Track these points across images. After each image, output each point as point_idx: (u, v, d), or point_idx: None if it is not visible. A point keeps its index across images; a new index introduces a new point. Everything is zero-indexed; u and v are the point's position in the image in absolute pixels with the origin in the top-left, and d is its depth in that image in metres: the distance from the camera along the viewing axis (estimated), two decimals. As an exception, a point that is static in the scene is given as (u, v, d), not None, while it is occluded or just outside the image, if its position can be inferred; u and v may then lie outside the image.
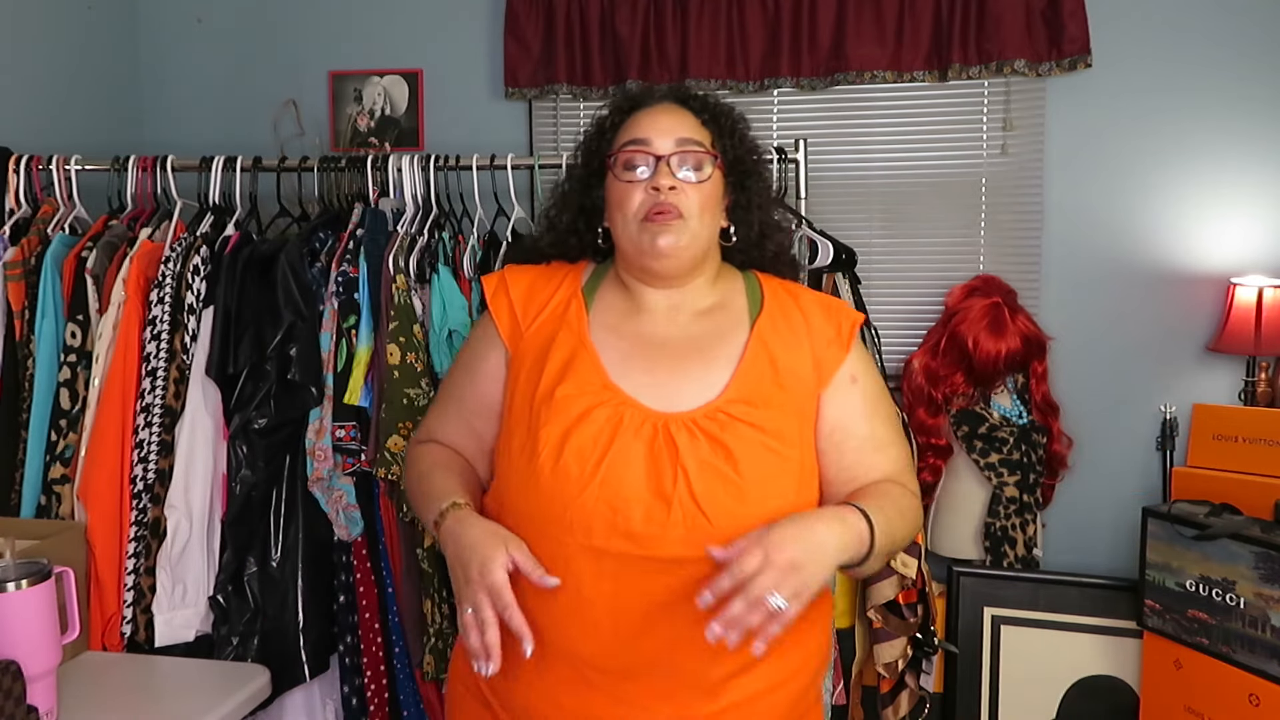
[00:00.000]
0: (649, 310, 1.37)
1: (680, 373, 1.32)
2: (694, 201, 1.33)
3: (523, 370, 1.35)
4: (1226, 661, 2.08)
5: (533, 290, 1.41)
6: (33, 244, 2.05)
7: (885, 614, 2.10)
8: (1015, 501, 2.52)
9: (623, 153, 1.35)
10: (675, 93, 1.42)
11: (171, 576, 1.90)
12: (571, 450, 1.24)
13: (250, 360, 1.90)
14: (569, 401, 1.28)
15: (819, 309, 1.40)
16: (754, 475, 1.24)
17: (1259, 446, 2.18)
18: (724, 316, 1.38)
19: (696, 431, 1.25)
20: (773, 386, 1.31)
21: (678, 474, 1.23)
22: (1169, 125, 2.57)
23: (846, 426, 1.35)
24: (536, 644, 1.19)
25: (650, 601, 1.23)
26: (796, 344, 1.35)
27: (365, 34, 2.91)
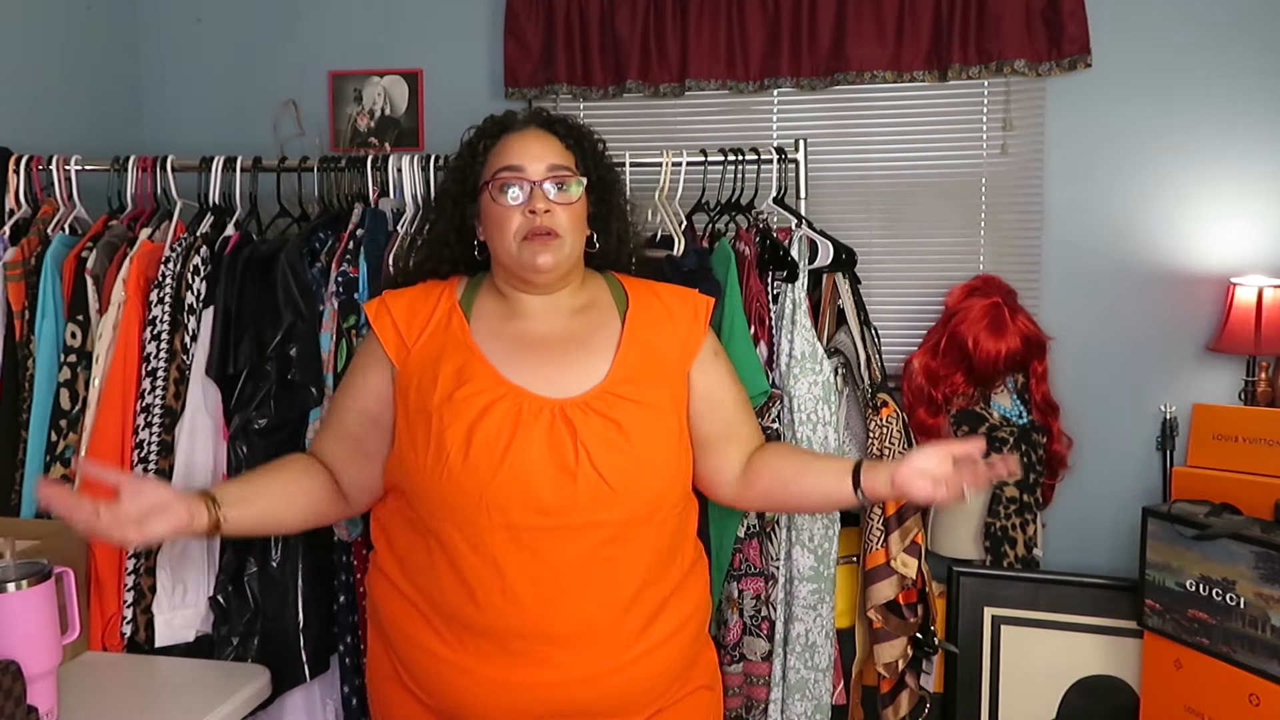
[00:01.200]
0: (527, 313, 1.52)
1: (566, 363, 1.47)
2: (566, 220, 1.47)
3: (413, 383, 1.46)
4: (1226, 661, 2.08)
5: (413, 309, 1.53)
6: (33, 244, 2.05)
7: (885, 614, 2.10)
8: (1015, 501, 2.52)
9: (498, 178, 1.48)
10: (539, 119, 1.55)
11: (171, 576, 1.90)
12: (479, 443, 1.37)
13: (250, 360, 1.90)
14: (468, 401, 1.40)
15: (675, 297, 1.59)
16: (643, 443, 1.42)
17: (1259, 446, 2.18)
18: (595, 312, 1.54)
19: (589, 411, 1.41)
20: (648, 366, 1.49)
21: (579, 450, 1.38)
22: (1169, 125, 2.57)
23: (717, 392, 1.57)
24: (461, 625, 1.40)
25: (564, 567, 1.39)
26: (663, 328, 1.54)
27: (365, 34, 2.91)
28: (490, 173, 1.50)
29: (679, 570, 1.51)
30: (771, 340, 2.03)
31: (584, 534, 1.39)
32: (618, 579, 1.42)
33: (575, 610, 1.40)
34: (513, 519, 1.37)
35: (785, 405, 2.00)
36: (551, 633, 1.39)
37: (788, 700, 2.03)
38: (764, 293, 2.03)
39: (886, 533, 2.07)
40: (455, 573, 1.40)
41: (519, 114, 1.57)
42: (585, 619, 1.40)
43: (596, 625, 1.41)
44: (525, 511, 1.37)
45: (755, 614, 2.03)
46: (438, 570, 1.42)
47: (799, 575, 2.01)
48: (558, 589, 1.39)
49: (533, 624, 1.39)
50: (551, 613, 1.39)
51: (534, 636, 1.39)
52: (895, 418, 2.09)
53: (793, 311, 2.00)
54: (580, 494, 1.38)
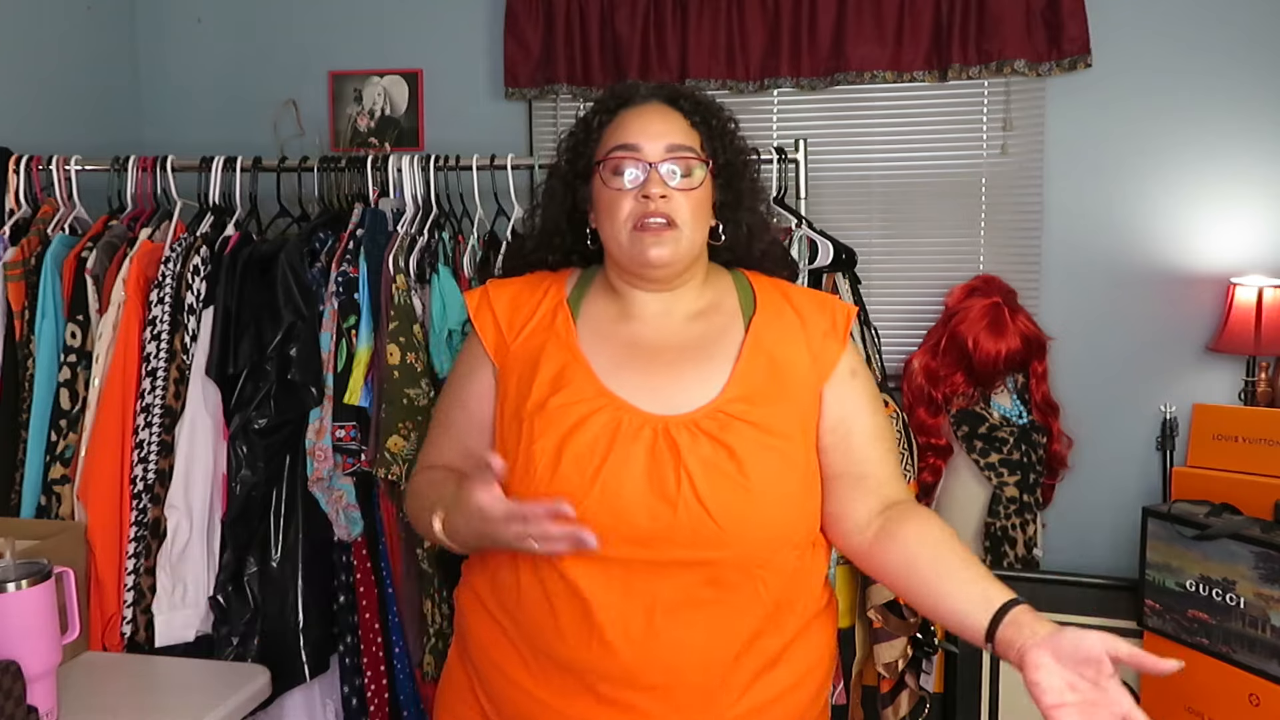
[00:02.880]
0: (639, 315, 1.35)
1: (676, 375, 1.30)
2: (686, 209, 1.30)
3: (511, 384, 1.33)
4: (1226, 661, 2.08)
5: (516, 302, 1.39)
6: (33, 244, 2.05)
7: (885, 614, 2.10)
8: (1015, 501, 2.52)
9: (610, 158, 1.31)
10: (664, 92, 1.38)
11: (171, 576, 1.90)
12: (569, 459, 1.22)
13: (250, 360, 1.90)
14: (563, 411, 1.25)
15: (811, 304, 1.40)
16: (758, 474, 1.23)
17: (1259, 446, 2.18)
18: (717, 317, 1.36)
19: (697, 432, 1.24)
20: (772, 384, 1.30)
21: (681, 475, 1.21)
22: (1169, 125, 2.57)
23: (851, 419, 1.33)
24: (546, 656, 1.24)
25: (657, 607, 1.22)
26: (792, 341, 1.34)
27: (365, 34, 2.91)
28: (603, 151, 1.33)
29: (799, 619, 1.30)
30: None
31: (683, 571, 1.22)
32: (722, 626, 1.24)
33: (669, 657, 1.22)
34: (602, 548, 1.17)
35: (785, 405, 2.00)
36: (641, 680, 1.23)
37: (788, 700, 2.02)
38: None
39: (886, 533, 2.07)
40: (543, 601, 1.25)
41: (640, 87, 1.39)
42: (681, 668, 1.23)
43: (694, 676, 1.23)
44: (616, 542, 1.20)
45: (755, 614, 2.02)
46: (525, 597, 1.27)
47: (799, 575, 2.00)
48: (649, 631, 1.21)
49: (621, 668, 1.22)
50: (642, 657, 1.22)
51: (622, 681, 1.23)
52: (895, 418, 2.09)
53: (793, 311, 1.99)
54: (680, 527, 1.20)
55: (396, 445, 1.83)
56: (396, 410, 1.85)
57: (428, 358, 1.93)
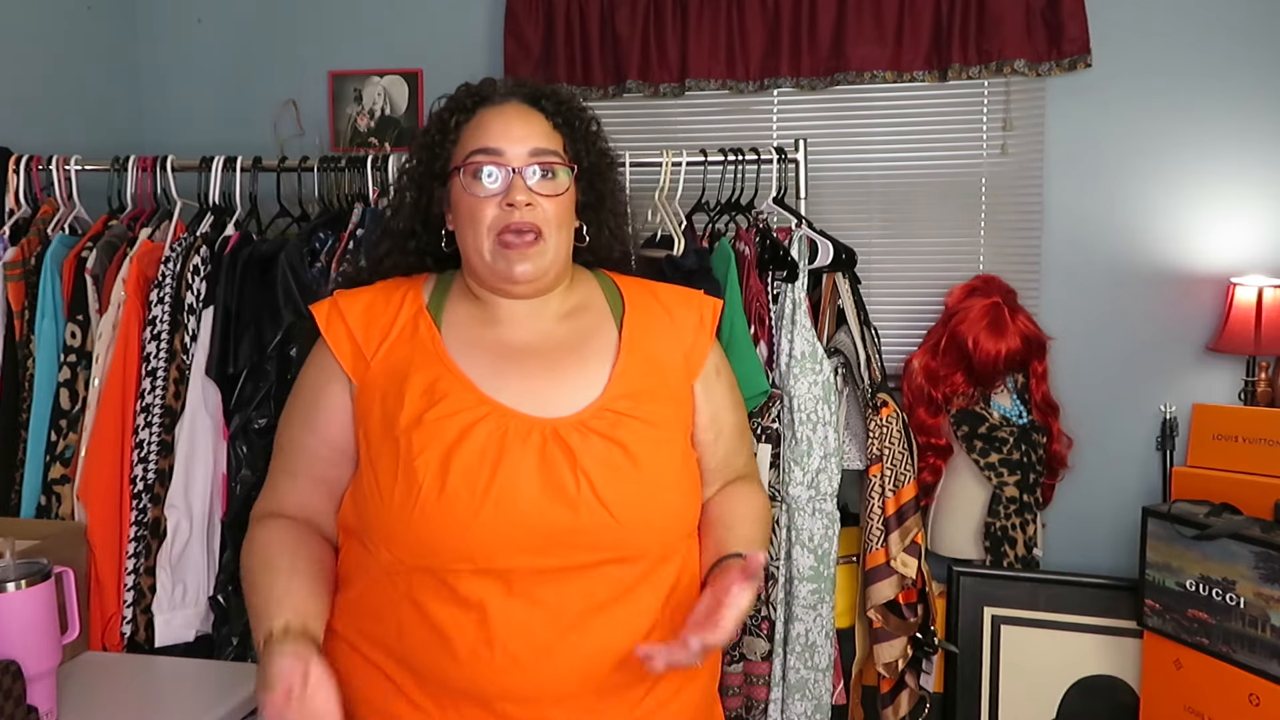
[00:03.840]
0: (507, 319, 1.30)
1: (556, 377, 1.26)
2: (551, 215, 1.25)
3: (375, 402, 1.24)
4: (1226, 661, 2.08)
5: (371, 314, 1.30)
6: (33, 244, 2.05)
7: (885, 614, 2.10)
8: (1015, 501, 2.52)
9: (470, 163, 1.25)
10: (524, 90, 1.32)
11: (171, 576, 1.90)
12: (458, 472, 1.16)
13: (250, 360, 1.90)
14: (443, 423, 1.19)
15: (678, 299, 1.38)
16: (652, 468, 1.22)
17: (1259, 446, 2.18)
18: (588, 317, 1.33)
19: (588, 432, 1.21)
20: (652, 380, 1.29)
21: (579, 476, 1.18)
22: (1169, 125, 2.57)
23: (721, 416, 1.36)
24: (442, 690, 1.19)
25: (565, 616, 1.18)
26: (665, 336, 1.33)
27: (365, 34, 2.91)
28: (462, 155, 1.27)
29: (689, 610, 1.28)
30: (771, 340, 2.03)
31: (585, 576, 1.19)
32: (624, 626, 1.21)
33: (576, 664, 1.19)
34: (501, 561, 1.16)
35: (785, 405, 2.00)
36: (550, 692, 1.19)
37: (788, 700, 2.03)
38: (764, 293, 2.03)
39: (886, 532, 2.07)
40: (430, 627, 1.18)
41: (499, 84, 1.33)
42: (588, 674, 1.19)
43: (601, 680, 1.20)
44: (516, 551, 1.16)
45: (755, 614, 2.03)
46: (407, 625, 1.19)
47: (799, 575, 2.01)
48: (558, 641, 1.17)
49: (529, 683, 1.18)
50: (550, 669, 1.18)
51: (530, 698, 1.19)
52: (895, 418, 2.09)
53: (793, 311, 2.00)
54: (581, 529, 1.17)
55: (396, 445, 1.83)
56: (396, 410, 1.84)
57: (428, 358, 1.92)
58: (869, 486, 2.10)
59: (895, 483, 2.09)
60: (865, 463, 2.13)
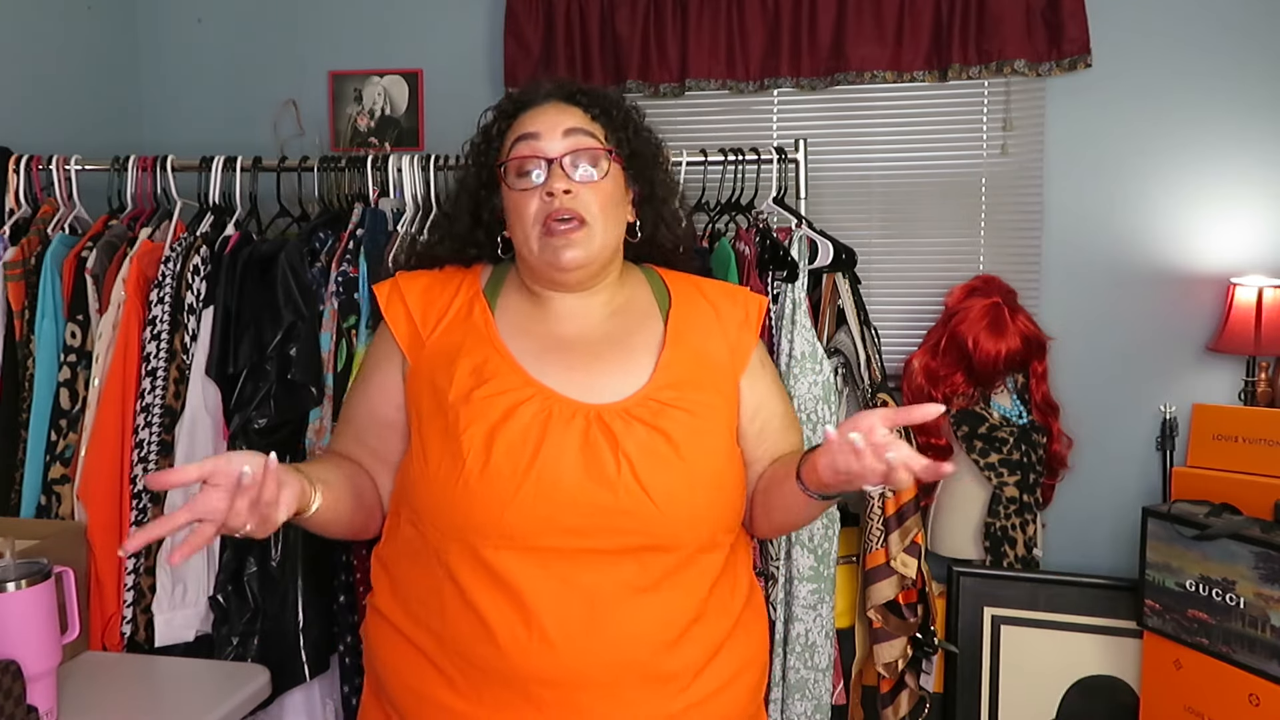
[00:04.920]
0: (557, 314, 1.34)
1: (601, 367, 1.29)
2: (594, 203, 1.27)
3: (429, 380, 1.28)
4: (1226, 661, 2.08)
5: (430, 296, 1.35)
6: (33, 244, 2.05)
7: (885, 614, 2.10)
8: (1015, 501, 2.52)
9: (513, 159, 1.29)
10: (561, 90, 1.35)
11: (171, 576, 1.90)
12: (501, 449, 1.19)
13: (250, 360, 1.90)
14: (490, 401, 1.22)
15: (724, 296, 1.41)
16: (694, 457, 1.23)
17: (1259, 446, 2.18)
18: (634, 312, 1.36)
19: (631, 419, 1.23)
20: (697, 372, 1.31)
21: (620, 460, 1.20)
22: (1169, 125, 2.57)
23: (768, 408, 1.37)
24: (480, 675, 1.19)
25: (600, 599, 1.19)
26: (710, 332, 1.35)
27: (365, 34, 2.91)
28: (505, 152, 1.31)
29: (734, 609, 1.30)
30: (771, 340, 2.03)
31: (621, 560, 1.20)
32: (664, 613, 1.21)
33: (613, 650, 1.19)
34: (539, 539, 1.18)
35: (785, 405, 2.00)
36: (585, 678, 1.19)
37: (788, 700, 2.03)
38: (764, 293, 2.03)
39: (886, 533, 2.07)
40: (470, 608, 1.20)
41: (541, 87, 1.36)
42: (625, 661, 1.19)
43: (639, 669, 1.20)
44: (554, 531, 1.18)
45: (755, 614, 2.03)
46: (450, 607, 1.21)
47: (799, 575, 2.01)
48: (592, 624, 1.18)
49: (563, 667, 1.18)
50: (585, 653, 1.18)
51: (564, 682, 1.18)
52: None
53: (793, 311, 2.00)
54: (620, 512, 1.19)
55: (396, 445, 1.83)
56: (396, 410, 1.85)
57: (428, 358, 1.92)
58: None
59: (895, 483, 2.08)
60: (865, 463, 2.12)
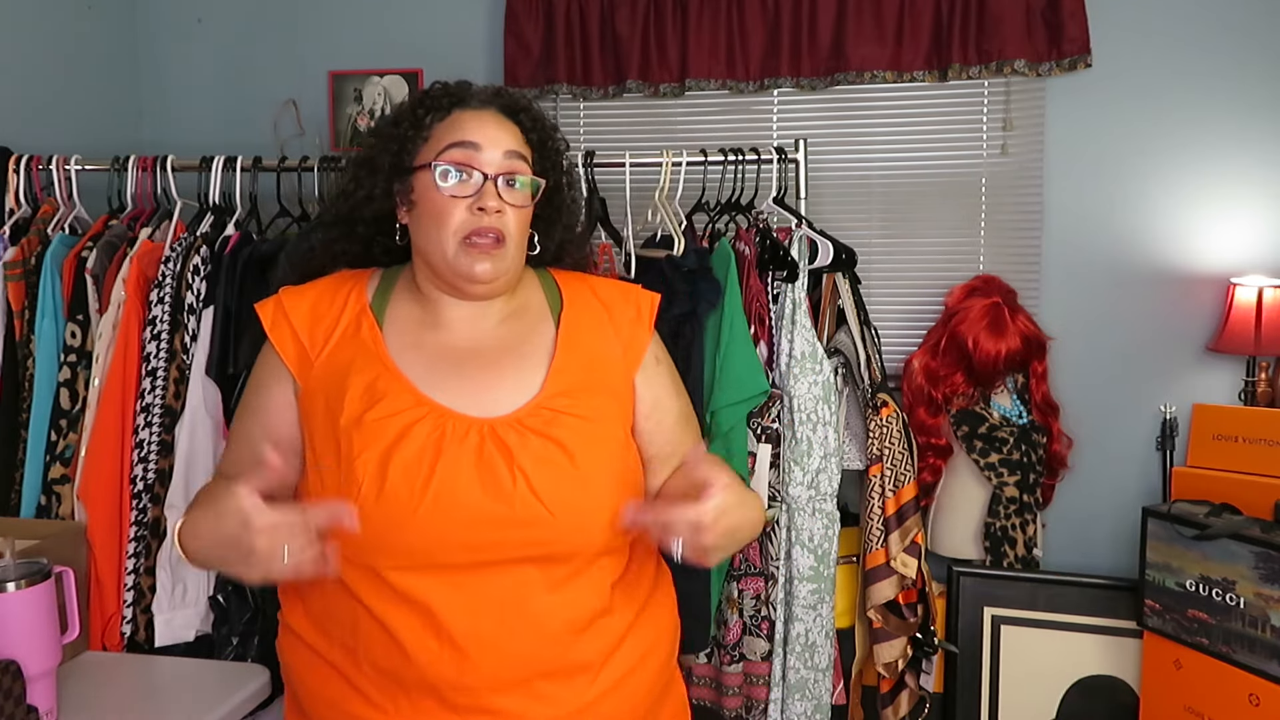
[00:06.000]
0: (449, 322, 1.32)
1: (494, 377, 1.29)
2: (514, 225, 1.29)
3: (318, 402, 1.27)
4: (1226, 661, 2.08)
5: (316, 313, 1.32)
6: (33, 244, 2.06)
7: (885, 614, 2.10)
8: (1015, 501, 2.52)
9: (444, 156, 1.27)
10: (502, 100, 1.34)
11: (171, 576, 1.91)
12: (397, 471, 1.19)
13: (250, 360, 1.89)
14: (382, 424, 1.21)
15: (616, 294, 1.41)
16: (588, 464, 1.24)
17: (1259, 446, 2.18)
18: (526, 317, 1.36)
19: (525, 430, 1.24)
20: (589, 376, 1.31)
21: (515, 474, 1.20)
22: (1169, 125, 2.57)
23: (663, 404, 1.37)
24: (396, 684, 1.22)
25: (507, 605, 1.22)
26: (602, 332, 1.36)
27: (365, 34, 2.91)
28: (436, 150, 1.28)
29: (642, 593, 1.34)
30: (771, 340, 2.03)
31: (524, 567, 1.22)
32: (569, 612, 1.24)
33: (523, 651, 1.22)
34: (440, 557, 1.19)
35: (785, 405, 2.00)
36: (498, 679, 1.22)
37: (788, 700, 2.03)
38: (764, 293, 2.03)
39: (886, 533, 2.07)
40: (379, 625, 1.21)
41: (475, 89, 1.35)
42: (535, 660, 1.23)
43: (548, 665, 1.23)
44: (454, 548, 1.20)
45: (755, 614, 2.03)
46: (360, 624, 1.23)
47: (799, 575, 2.01)
48: (501, 630, 1.21)
49: (476, 672, 1.21)
50: (496, 657, 1.21)
51: (479, 687, 1.21)
52: (895, 418, 2.09)
53: (793, 311, 2.00)
54: (516, 524, 1.20)
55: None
56: (396, 410, 1.84)
57: (428, 358, 1.92)
58: (869, 486, 2.10)
59: (895, 483, 2.09)
60: (865, 463, 2.13)
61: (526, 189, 1.30)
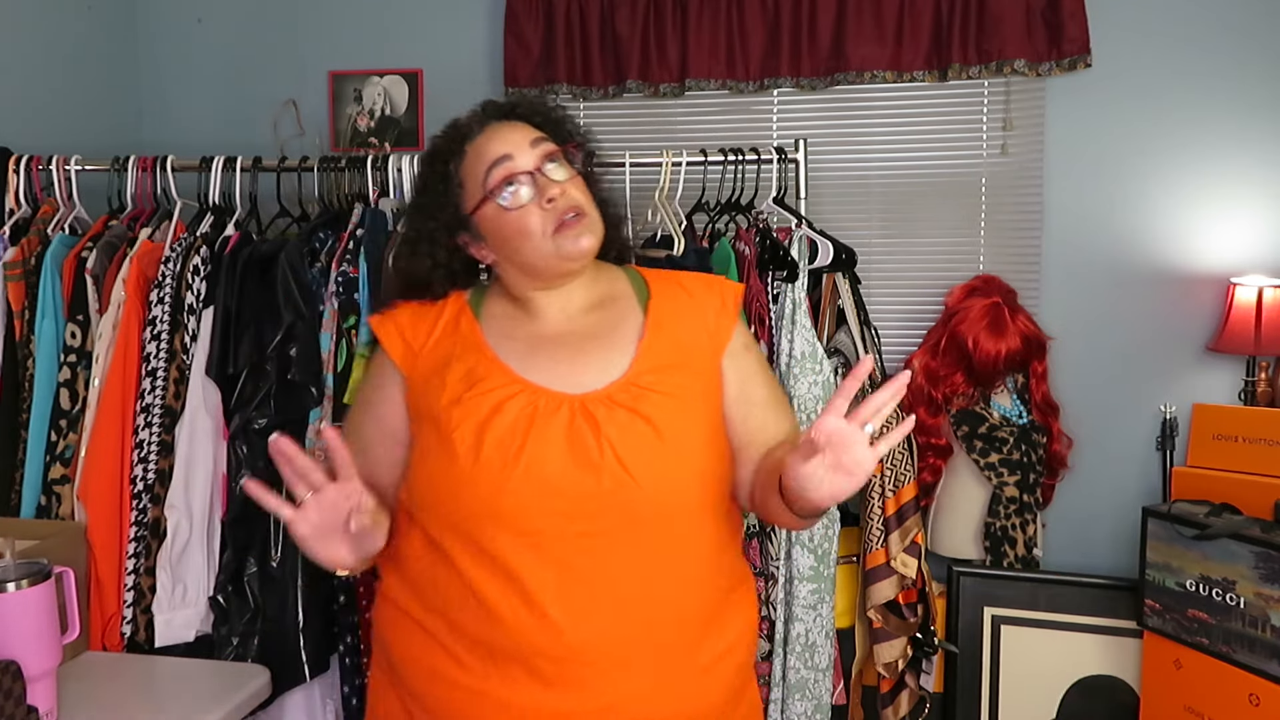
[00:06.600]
0: (540, 313, 1.39)
1: (584, 359, 1.35)
2: (580, 194, 1.35)
3: (423, 389, 1.35)
4: (1226, 661, 2.08)
5: (418, 313, 1.42)
6: (33, 244, 2.05)
7: (885, 614, 2.10)
8: (1015, 501, 2.52)
9: (492, 183, 1.32)
10: (495, 110, 1.40)
11: (171, 576, 1.91)
12: (491, 442, 1.26)
13: (250, 360, 1.90)
14: (478, 400, 1.30)
15: (700, 284, 1.46)
16: (673, 436, 1.29)
17: (1259, 446, 2.18)
18: (614, 306, 1.42)
19: (613, 405, 1.30)
20: (676, 356, 1.36)
21: (603, 445, 1.26)
22: (1169, 125, 2.57)
23: (750, 390, 1.40)
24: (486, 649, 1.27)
25: (598, 580, 1.27)
26: (688, 318, 1.40)
27: (365, 34, 2.91)
28: (477, 184, 1.34)
29: (726, 583, 1.38)
30: (771, 340, 2.03)
31: (614, 542, 1.27)
32: (658, 594, 1.29)
33: (611, 625, 1.27)
34: (532, 523, 1.26)
35: (785, 405, 2.00)
36: (586, 654, 1.26)
37: (788, 700, 2.03)
38: (764, 293, 2.03)
39: (886, 533, 2.07)
40: (474, 591, 1.28)
41: (474, 118, 1.40)
42: (624, 637, 1.27)
43: (637, 644, 1.28)
44: (545, 515, 1.26)
45: (755, 614, 2.02)
46: (454, 590, 1.30)
47: (799, 575, 2.01)
48: (591, 604, 1.26)
49: (564, 644, 1.25)
50: (585, 631, 1.26)
51: (566, 658, 1.26)
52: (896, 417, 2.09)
53: (793, 311, 2.00)
54: (604, 493, 1.25)
55: (396, 445, 1.83)
56: (396, 410, 1.85)
57: (428, 358, 1.92)
58: (869, 487, 2.10)
59: (895, 483, 2.09)
60: (865, 463, 2.12)
61: (564, 162, 1.36)
